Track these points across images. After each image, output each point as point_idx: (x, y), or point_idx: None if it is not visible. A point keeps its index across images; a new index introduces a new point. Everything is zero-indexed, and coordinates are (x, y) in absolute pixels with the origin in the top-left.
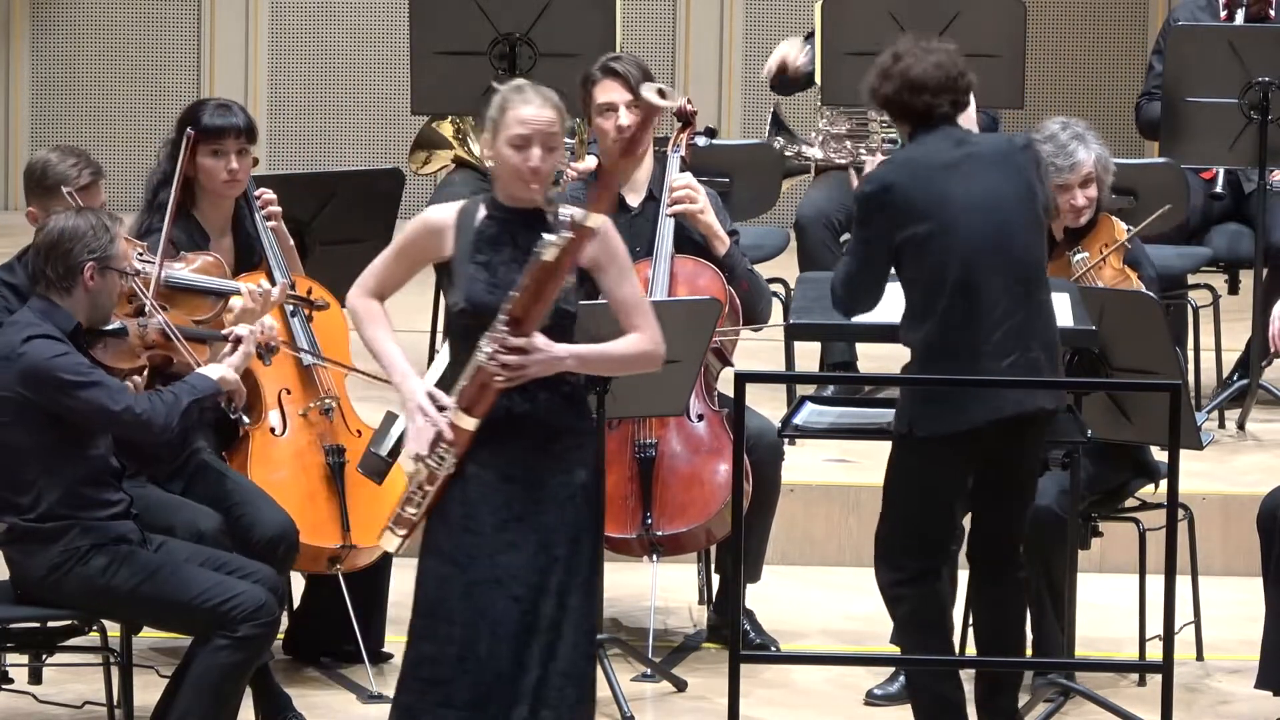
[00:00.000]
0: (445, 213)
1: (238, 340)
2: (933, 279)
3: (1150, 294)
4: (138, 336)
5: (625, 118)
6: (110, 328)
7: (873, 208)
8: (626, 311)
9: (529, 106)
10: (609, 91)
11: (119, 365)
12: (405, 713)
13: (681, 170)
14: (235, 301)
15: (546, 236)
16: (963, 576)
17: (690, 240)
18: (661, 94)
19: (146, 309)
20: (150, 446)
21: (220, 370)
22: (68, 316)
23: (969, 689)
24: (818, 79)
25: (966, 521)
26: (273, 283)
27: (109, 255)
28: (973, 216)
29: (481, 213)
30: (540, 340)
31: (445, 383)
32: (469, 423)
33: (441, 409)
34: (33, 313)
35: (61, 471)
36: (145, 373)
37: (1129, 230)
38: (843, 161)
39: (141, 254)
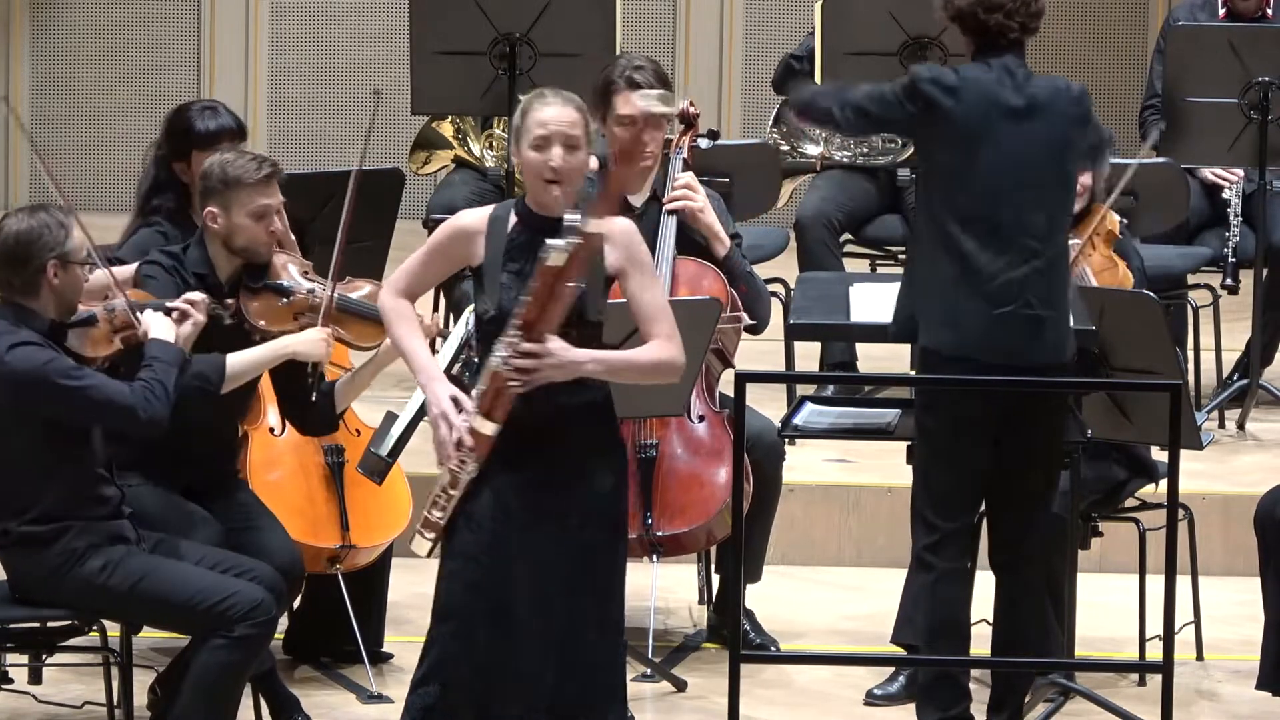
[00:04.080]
0: (476, 218)
1: (183, 314)
2: (950, 211)
3: (1150, 294)
4: (106, 321)
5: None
6: (79, 317)
7: (927, 100)
8: (647, 318)
9: (549, 108)
10: (630, 105)
11: (95, 354)
12: (423, 714)
13: (683, 171)
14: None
15: (550, 241)
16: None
17: (693, 242)
18: (665, 102)
19: (110, 295)
20: (143, 435)
21: (170, 328)
22: (39, 318)
23: (978, 693)
24: (818, 79)
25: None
26: None
27: (67, 250)
28: (1004, 169)
29: (513, 220)
30: (555, 344)
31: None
32: (488, 428)
33: (462, 413)
34: (5, 322)
35: (56, 475)
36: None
37: (1122, 222)
38: (843, 158)
39: (307, 273)
